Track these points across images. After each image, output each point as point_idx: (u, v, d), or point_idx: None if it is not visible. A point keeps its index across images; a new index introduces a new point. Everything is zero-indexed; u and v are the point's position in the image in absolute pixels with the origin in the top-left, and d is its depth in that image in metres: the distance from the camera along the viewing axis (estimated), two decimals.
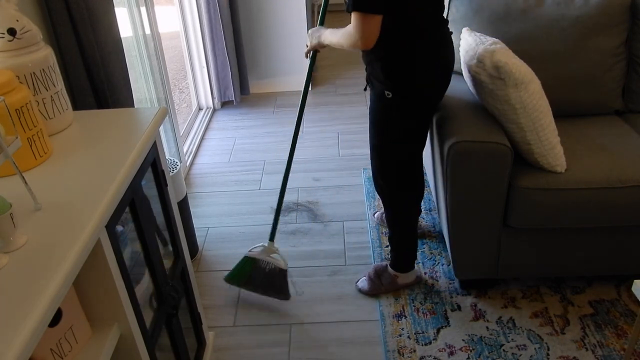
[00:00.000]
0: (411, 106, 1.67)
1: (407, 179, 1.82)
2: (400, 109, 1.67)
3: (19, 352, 0.65)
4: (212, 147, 3.14)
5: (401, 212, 1.89)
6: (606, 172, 1.69)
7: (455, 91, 1.98)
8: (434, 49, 1.62)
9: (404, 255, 1.96)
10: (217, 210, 2.55)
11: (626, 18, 2.00)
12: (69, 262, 0.78)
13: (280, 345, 1.81)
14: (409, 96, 1.65)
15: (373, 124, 1.77)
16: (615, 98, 2.07)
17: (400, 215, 1.90)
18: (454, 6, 2.08)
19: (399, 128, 1.71)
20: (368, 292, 1.99)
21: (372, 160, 1.85)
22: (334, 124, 3.31)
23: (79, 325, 0.95)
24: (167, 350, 1.32)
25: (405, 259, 1.96)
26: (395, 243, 1.95)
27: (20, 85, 1.03)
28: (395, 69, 1.62)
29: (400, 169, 1.79)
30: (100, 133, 1.17)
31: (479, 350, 1.74)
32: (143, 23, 2.39)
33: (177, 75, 4.65)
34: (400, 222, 1.91)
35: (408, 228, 1.92)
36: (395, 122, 1.70)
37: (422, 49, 1.60)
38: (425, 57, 1.61)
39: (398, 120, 1.69)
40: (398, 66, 1.62)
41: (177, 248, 1.41)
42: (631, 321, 1.81)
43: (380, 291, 1.98)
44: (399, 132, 1.72)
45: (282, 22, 3.64)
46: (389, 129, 1.73)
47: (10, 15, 1.06)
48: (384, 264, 2.02)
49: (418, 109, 1.69)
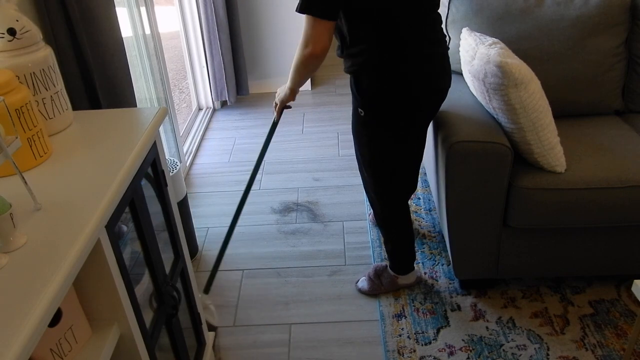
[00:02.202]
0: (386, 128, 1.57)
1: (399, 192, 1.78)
2: (374, 127, 1.58)
3: (18, 352, 0.65)
4: (212, 147, 3.14)
5: (393, 217, 1.85)
6: (606, 172, 1.69)
7: (455, 91, 1.99)
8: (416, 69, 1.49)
9: (402, 259, 1.94)
10: (217, 210, 2.55)
11: (626, 18, 2.00)
12: (69, 262, 0.78)
13: (280, 345, 1.81)
14: (381, 117, 1.54)
15: (355, 137, 1.71)
16: (615, 98, 2.07)
17: (393, 220, 1.86)
18: (454, 6, 2.08)
19: (375, 146, 1.64)
20: (368, 292, 1.98)
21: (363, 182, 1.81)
22: (334, 124, 3.31)
23: (78, 325, 0.95)
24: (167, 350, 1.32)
25: (404, 261, 1.94)
26: (392, 249, 1.92)
27: (20, 85, 1.03)
28: (365, 84, 1.50)
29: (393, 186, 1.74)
30: (100, 133, 1.17)
31: (479, 350, 1.74)
32: (143, 23, 2.39)
33: (177, 75, 4.65)
34: (394, 226, 1.87)
35: (402, 230, 1.88)
36: (371, 140, 1.64)
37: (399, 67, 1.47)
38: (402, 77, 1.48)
39: (373, 139, 1.63)
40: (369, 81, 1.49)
41: (177, 248, 1.41)
42: (631, 321, 1.81)
43: (381, 291, 1.98)
44: (376, 150, 1.64)
45: (282, 22, 3.64)
46: (366, 146, 1.67)
47: (10, 15, 1.06)
48: (383, 264, 2.01)
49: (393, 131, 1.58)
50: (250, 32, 3.67)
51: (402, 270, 1.96)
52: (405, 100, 1.53)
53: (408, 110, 1.56)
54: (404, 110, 1.56)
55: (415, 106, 1.56)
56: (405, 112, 1.56)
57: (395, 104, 1.53)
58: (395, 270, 1.96)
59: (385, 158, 1.67)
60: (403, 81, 1.49)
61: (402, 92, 1.51)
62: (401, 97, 1.52)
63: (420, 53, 1.48)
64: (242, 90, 3.64)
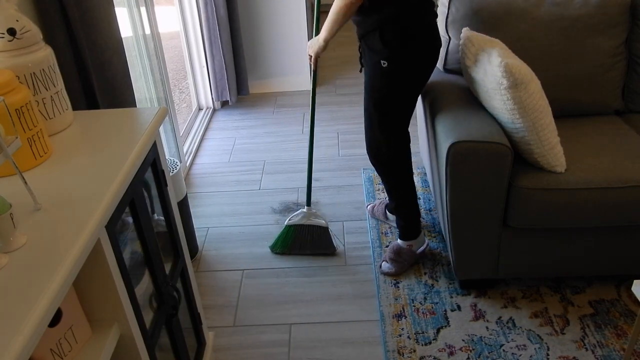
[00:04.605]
0: (406, 73, 1.76)
1: (400, 141, 1.91)
2: (395, 76, 1.76)
3: (18, 352, 0.65)
4: (212, 147, 3.14)
5: (400, 175, 1.97)
6: (606, 172, 1.69)
7: (455, 91, 1.99)
8: (422, 15, 1.71)
9: (412, 219, 2.05)
10: (217, 210, 2.55)
11: (626, 18, 2.00)
12: (69, 262, 0.78)
13: (280, 345, 1.81)
14: (404, 64, 1.73)
15: (369, 93, 1.85)
16: (615, 98, 2.07)
17: (400, 178, 1.97)
18: (453, 6, 2.08)
19: (393, 96, 1.80)
20: (395, 273, 2.06)
21: (367, 133, 1.94)
22: (334, 124, 3.31)
23: (79, 325, 0.95)
24: (167, 350, 1.32)
25: (414, 222, 2.06)
26: (402, 210, 2.04)
27: (20, 85, 1.03)
28: (391, 36, 1.69)
29: (394, 134, 1.89)
30: (100, 133, 1.17)
31: (479, 350, 1.74)
32: (143, 23, 2.39)
33: (177, 75, 4.65)
34: (402, 185, 1.99)
35: (409, 189, 2.00)
36: (391, 90, 1.79)
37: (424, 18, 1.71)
38: (417, 23, 1.70)
39: (393, 88, 1.78)
40: (394, 33, 1.68)
41: (177, 248, 1.41)
42: (631, 321, 1.81)
43: (404, 268, 2.07)
44: (393, 100, 1.82)
45: (282, 22, 3.64)
46: (384, 97, 1.81)
47: (10, 15, 1.06)
48: (395, 244, 2.09)
49: (412, 76, 1.78)
50: (251, 32, 3.67)
51: (411, 232, 2.06)
52: (428, 48, 1.75)
53: (428, 58, 1.77)
54: (425, 58, 1.77)
55: (434, 54, 1.78)
56: (426, 60, 1.77)
57: (419, 52, 1.74)
58: (407, 236, 2.06)
59: (399, 99, 1.84)
60: (428, 31, 1.73)
61: (426, 41, 1.74)
62: (425, 45, 1.74)
63: (433, 10, 1.74)
64: (243, 90, 3.64)
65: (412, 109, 1.88)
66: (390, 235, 2.29)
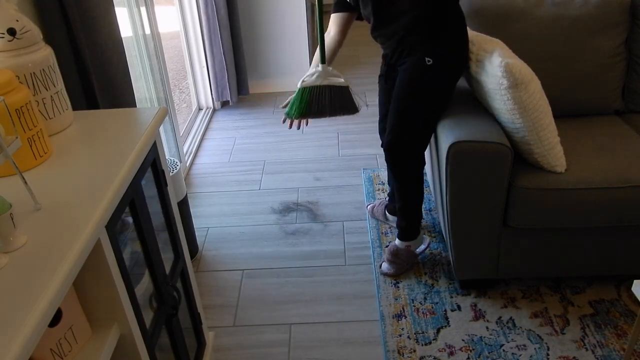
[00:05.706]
0: (447, 72, 1.79)
1: (425, 143, 1.90)
2: (437, 74, 1.78)
3: (18, 352, 0.65)
4: (212, 147, 3.14)
5: (414, 176, 1.95)
6: (606, 172, 1.69)
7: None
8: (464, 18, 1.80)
9: (414, 221, 2.04)
10: (217, 210, 2.55)
11: (626, 18, 2.00)
12: (69, 262, 0.78)
13: (280, 345, 1.81)
14: (448, 63, 1.78)
15: (407, 90, 1.82)
16: (615, 98, 2.07)
17: (414, 179, 1.96)
18: None
19: (432, 93, 1.81)
20: (395, 274, 2.06)
21: (394, 130, 1.87)
22: (334, 124, 3.31)
23: (78, 325, 0.95)
24: (167, 350, 1.32)
25: (416, 223, 2.05)
26: (407, 211, 2.02)
27: (20, 85, 1.03)
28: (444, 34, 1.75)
29: (422, 134, 1.87)
30: (100, 133, 1.17)
31: (479, 350, 1.74)
32: (143, 23, 2.39)
33: (177, 75, 4.65)
34: (414, 187, 1.97)
35: (419, 191, 1.99)
36: (431, 87, 1.80)
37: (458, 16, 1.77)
38: (461, 24, 1.77)
39: (434, 86, 1.80)
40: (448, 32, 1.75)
41: (177, 248, 1.41)
42: (631, 321, 1.81)
43: (404, 268, 2.07)
44: (431, 97, 1.82)
45: (282, 22, 3.64)
46: (423, 94, 1.81)
47: (10, 15, 1.06)
48: (392, 245, 2.08)
49: (452, 75, 1.81)
50: (251, 32, 3.67)
51: (411, 233, 2.05)
52: (466, 50, 1.81)
53: (465, 60, 1.82)
54: (464, 60, 1.82)
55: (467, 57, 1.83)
56: (464, 62, 1.82)
57: (462, 53, 1.80)
58: (404, 237, 2.05)
59: (437, 98, 1.85)
60: (466, 36, 1.81)
61: (466, 43, 1.81)
62: (466, 47, 1.81)
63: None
64: (243, 90, 3.64)
65: (444, 110, 1.88)
66: (390, 235, 2.29)
